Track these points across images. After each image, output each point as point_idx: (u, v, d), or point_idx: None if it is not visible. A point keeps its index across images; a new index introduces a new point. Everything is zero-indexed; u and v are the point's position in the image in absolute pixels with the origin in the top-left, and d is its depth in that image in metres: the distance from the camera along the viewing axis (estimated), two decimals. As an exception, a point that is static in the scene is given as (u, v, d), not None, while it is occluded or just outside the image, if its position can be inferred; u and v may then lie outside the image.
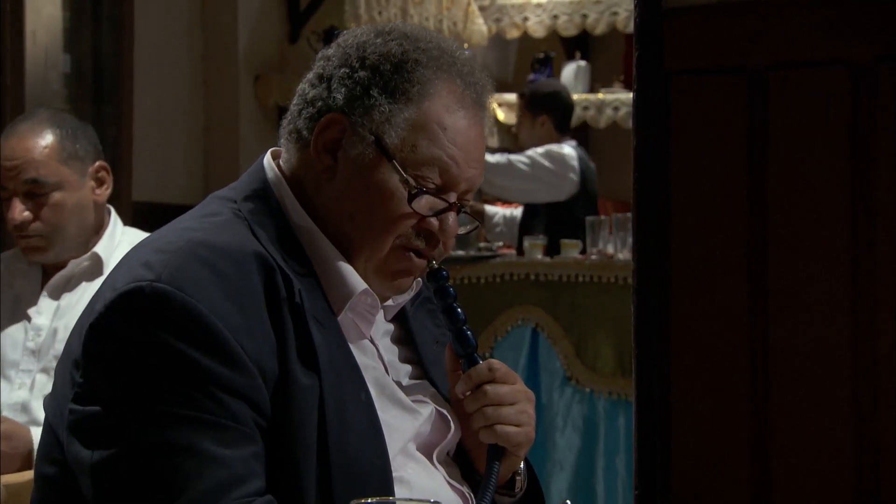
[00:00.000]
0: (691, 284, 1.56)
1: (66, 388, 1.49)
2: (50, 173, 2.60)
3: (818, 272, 1.51)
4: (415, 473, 1.58)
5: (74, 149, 2.64)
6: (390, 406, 1.59)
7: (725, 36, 1.56)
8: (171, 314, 1.42)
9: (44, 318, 2.65)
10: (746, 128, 1.54)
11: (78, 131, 2.67)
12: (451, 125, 1.58)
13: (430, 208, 1.58)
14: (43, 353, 2.60)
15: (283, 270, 1.51)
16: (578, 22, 6.20)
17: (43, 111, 2.78)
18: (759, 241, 1.53)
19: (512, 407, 1.59)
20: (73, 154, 2.64)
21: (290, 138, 1.63)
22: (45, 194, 2.60)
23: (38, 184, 2.59)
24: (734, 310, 1.54)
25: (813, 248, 1.51)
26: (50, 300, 2.67)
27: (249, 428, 1.43)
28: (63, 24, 4.93)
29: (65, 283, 2.68)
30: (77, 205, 2.64)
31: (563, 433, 4.52)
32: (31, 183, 2.59)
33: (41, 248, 2.64)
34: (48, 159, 2.61)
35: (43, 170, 2.60)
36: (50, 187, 2.60)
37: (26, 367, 2.61)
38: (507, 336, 4.66)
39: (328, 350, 1.50)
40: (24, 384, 2.59)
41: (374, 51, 1.59)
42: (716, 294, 1.55)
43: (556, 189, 5.20)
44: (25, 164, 2.59)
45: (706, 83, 1.56)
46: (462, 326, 1.62)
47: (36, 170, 2.59)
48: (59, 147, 2.62)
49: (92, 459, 1.43)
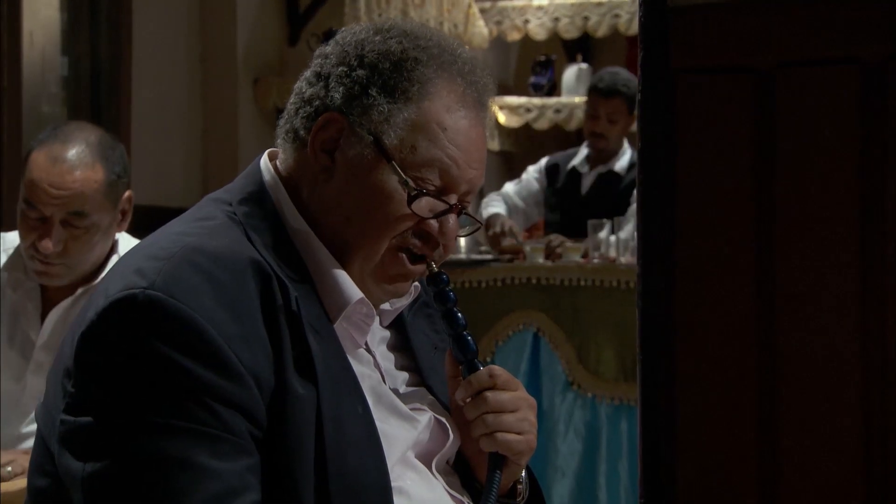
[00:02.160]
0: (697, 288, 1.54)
1: (58, 397, 1.46)
2: (94, 209, 2.49)
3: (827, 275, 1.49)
4: (414, 484, 1.56)
5: (116, 182, 2.54)
6: (388, 415, 1.57)
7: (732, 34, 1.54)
8: (165, 322, 1.39)
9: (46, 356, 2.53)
10: (754, 128, 1.52)
11: (120, 161, 2.56)
12: (452, 125, 1.55)
13: (430, 210, 1.56)
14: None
15: (280, 277, 1.48)
16: (580, 24, 6.20)
17: (90, 132, 2.58)
18: (767, 244, 1.51)
19: (513, 414, 1.58)
20: (114, 187, 2.53)
21: (287, 138, 1.61)
22: (83, 227, 2.49)
23: (81, 217, 2.48)
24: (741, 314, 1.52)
25: (822, 250, 1.49)
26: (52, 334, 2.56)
27: (244, 439, 1.41)
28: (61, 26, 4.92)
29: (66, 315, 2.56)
30: (104, 235, 2.54)
31: (565, 439, 4.51)
32: (74, 215, 2.48)
33: (58, 276, 2.53)
34: (96, 194, 2.49)
35: (89, 205, 2.48)
36: (91, 221, 2.50)
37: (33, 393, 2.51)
38: (509, 341, 4.65)
39: (325, 359, 1.48)
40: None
41: (373, 49, 1.56)
42: (722, 298, 1.53)
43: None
44: (74, 196, 2.47)
45: (712, 82, 1.54)
46: (462, 332, 1.60)
47: (83, 205, 2.47)
48: (107, 182, 2.51)
49: (84, 472, 1.40)
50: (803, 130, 1.50)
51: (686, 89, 1.55)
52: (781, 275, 1.50)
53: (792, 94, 1.50)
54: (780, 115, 1.51)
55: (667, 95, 1.55)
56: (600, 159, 5.10)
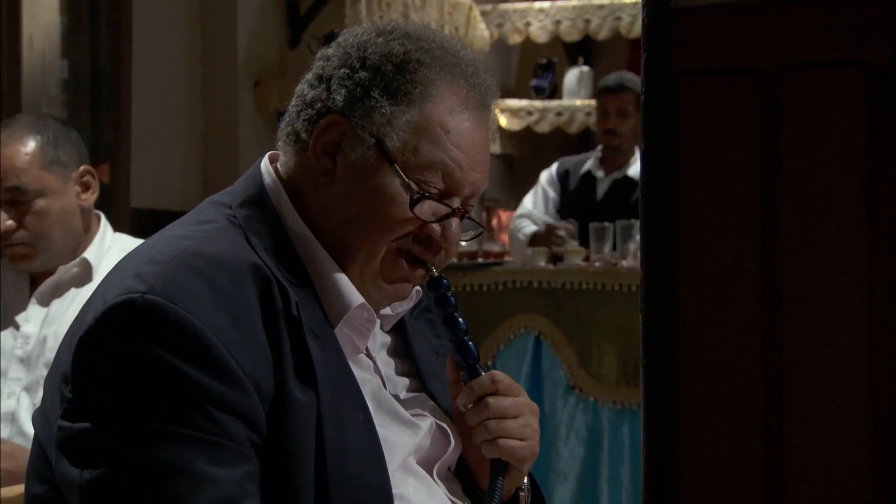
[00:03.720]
0: (701, 293, 1.53)
1: (55, 403, 1.45)
2: (32, 180, 2.60)
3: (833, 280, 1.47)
4: (415, 490, 1.54)
5: (57, 154, 2.63)
6: (389, 421, 1.56)
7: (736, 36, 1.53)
8: (164, 327, 1.38)
9: (32, 326, 2.64)
10: (758, 130, 1.51)
11: (60, 136, 2.67)
12: (455, 128, 1.54)
13: (433, 214, 1.55)
14: (32, 362, 2.59)
15: (280, 282, 1.47)
16: (581, 27, 6.19)
17: (24, 117, 2.77)
18: (772, 248, 1.50)
19: (515, 420, 1.56)
20: (55, 160, 2.63)
21: (288, 141, 1.59)
22: (27, 202, 2.60)
23: (21, 191, 2.59)
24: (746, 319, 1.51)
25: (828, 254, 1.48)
26: (39, 307, 2.66)
27: (244, 446, 1.40)
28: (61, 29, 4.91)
29: (53, 290, 2.67)
30: (62, 211, 2.64)
31: (567, 443, 4.50)
32: (14, 191, 2.59)
33: (27, 256, 2.63)
34: (30, 166, 2.60)
35: (24, 177, 2.59)
36: (33, 194, 2.60)
37: (15, 376, 2.60)
38: (510, 344, 4.64)
39: (326, 365, 1.47)
40: (12, 393, 2.58)
41: (376, 51, 1.55)
42: (727, 303, 1.52)
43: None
44: (7, 172, 2.59)
45: (716, 84, 1.53)
46: (463, 337, 1.59)
47: (17, 177, 2.59)
48: (41, 153, 2.62)
49: (82, 479, 1.39)
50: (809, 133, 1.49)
51: (689, 91, 1.54)
52: (787, 279, 1.49)
53: (797, 96, 1.50)
54: (785, 117, 1.50)
55: (670, 98, 1.54)
56: (615, 164, 5.07)
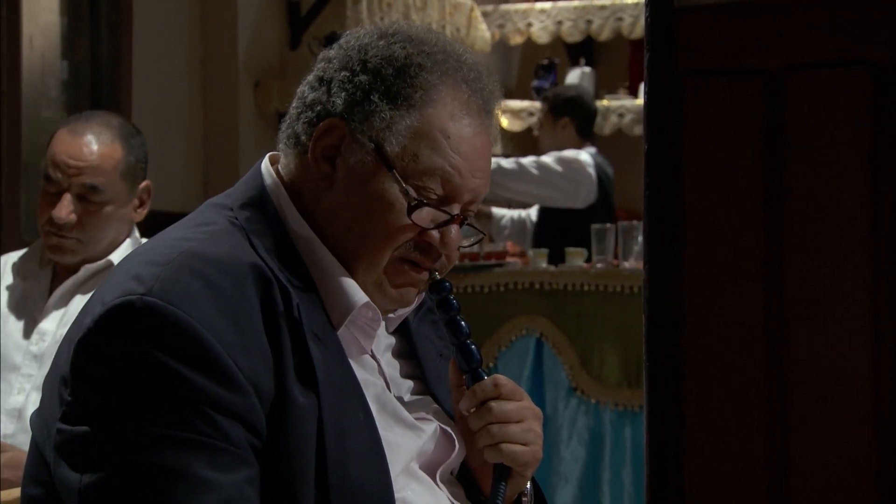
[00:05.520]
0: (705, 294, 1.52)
1: (54, 406, 1.44)
2: (109, 185, 2.60)
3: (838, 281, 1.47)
4: (417, 495, 1.54)
5: (135, 165, 2.66)
6: (392, 424, 1.55)
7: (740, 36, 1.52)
8: (163, 330, 1.37)
9: (50, 323, 2.62)
10: (762, 131, 1.50)
11: (141, 149, 2.70)
12: (455, 133, 1.53)
13: (432, 220, 1.54)
14: (46, 359, 2.57)
15: (282, 283, 1.46)
16: (583, 28, 6.19)
17: (112, 117, 2.76)
18: (776, 249, 1.49)
19: (518, 425, 1.56)
20: (133, 170, 2.65)
21: (289, 143, 1.58)
22: (97, 203, 2.59)
23: (96, 191, 2.59)
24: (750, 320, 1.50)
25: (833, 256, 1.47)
26: (58, 304, 2.64)
27: (244, 450, 1.39)
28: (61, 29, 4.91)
29: (75, 289, 2.65)
30: (120, 219, 2.65)
31: (569, 445, 4.50)
32: (89, 189, 2.58)
33: (71, 251, 2.62)
34: (112, 171, 2.61)
35: (104, 179, 2.60)
36: (105, 198, 2.60)
37: (27, 372, 2.58)
38: (512, 346, 4.64)
39: (327, 367, 1.46)
40: (23, 389, 2.56)
41: (377, 54, 1.54)
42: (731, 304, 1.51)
43: (570, 195, 5.16)
44: (89, 168, 2.58)
45: (720, 85, 1.52)
46: (466, 340, 1.58)
47: (97, 177, 2.59)
48: (125, 161, 2.64)
49: (80, 483, 1.38)
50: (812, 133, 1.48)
51: (693, 92, 1.53)
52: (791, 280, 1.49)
53: (801, 96, 1.49)
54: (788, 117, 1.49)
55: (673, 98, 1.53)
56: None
